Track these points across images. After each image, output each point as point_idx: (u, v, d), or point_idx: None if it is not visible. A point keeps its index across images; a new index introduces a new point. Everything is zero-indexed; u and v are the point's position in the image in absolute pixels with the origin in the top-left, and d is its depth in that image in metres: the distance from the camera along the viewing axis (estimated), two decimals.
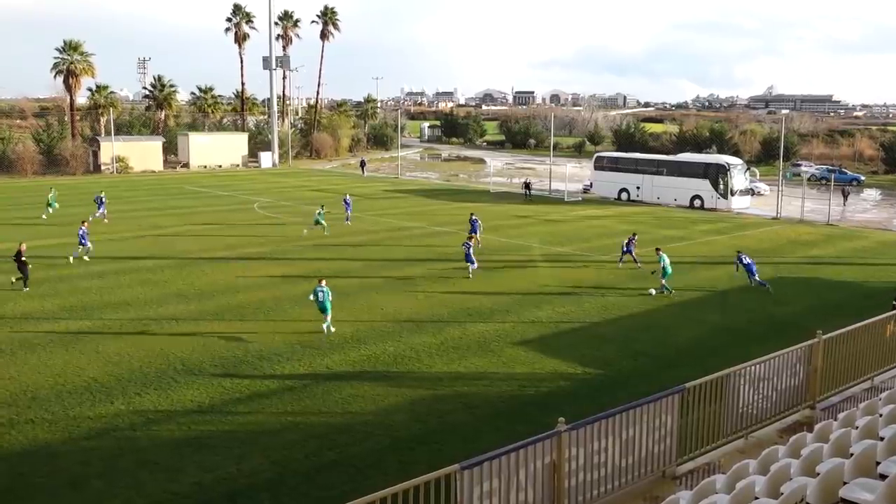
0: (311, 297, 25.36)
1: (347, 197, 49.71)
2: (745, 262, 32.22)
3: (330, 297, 25.03)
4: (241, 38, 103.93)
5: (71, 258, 35.20)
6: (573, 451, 10.68)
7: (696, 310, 28.79)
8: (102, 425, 17.82)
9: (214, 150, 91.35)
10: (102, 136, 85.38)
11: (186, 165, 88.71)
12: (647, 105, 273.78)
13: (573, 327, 26.23)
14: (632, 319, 27.31)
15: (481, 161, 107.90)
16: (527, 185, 64.64)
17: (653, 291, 30.75)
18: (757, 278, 31.96)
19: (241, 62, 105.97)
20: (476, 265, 33.23)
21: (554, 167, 72.93)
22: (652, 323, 26.89)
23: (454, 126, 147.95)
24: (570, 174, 69.13)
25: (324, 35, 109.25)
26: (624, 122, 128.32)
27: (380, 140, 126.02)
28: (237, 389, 20.17)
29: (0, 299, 28.55)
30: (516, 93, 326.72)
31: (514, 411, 18.95)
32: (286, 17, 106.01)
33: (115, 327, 25.30)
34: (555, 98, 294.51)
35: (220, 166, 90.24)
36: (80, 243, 35.60)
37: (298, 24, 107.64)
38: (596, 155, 70.26)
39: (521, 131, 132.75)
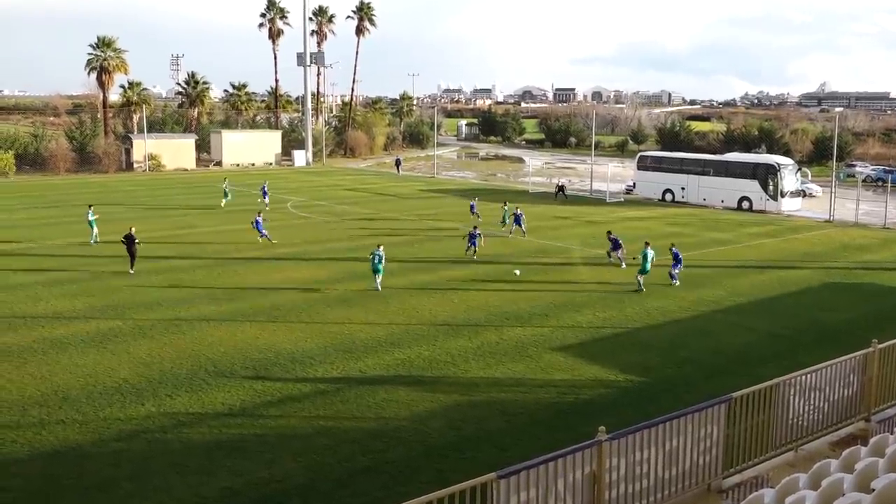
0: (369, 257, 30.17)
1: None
2: (671, 251, 33.41)
3: (383, 262, 30.12)
4: (275, 34, 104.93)
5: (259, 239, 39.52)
6: (614, 462, 10.59)
7: (743, 316, 28.41)
8: (133, 427, 18.08)
9: (247, 148, 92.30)
10: (135, 133, 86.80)
11: (219, 164, 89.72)
12: (692, 103, 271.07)
13: (615, 332, 26.04)
14: (676, 325, 27.04)
15: (520, 160, 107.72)
16: (560, 188, 64.28)
17: (517, 272, 32.58)
18: (675, 272, 32.80)
19: (275, 59, 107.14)
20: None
21: (595, 167, 72.52)
22: (697, 329, 26.60)
23: (492, 124, 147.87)
24: (612, 174, 68.71)
25: (359, 30, 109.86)
26: (669, 121, 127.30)
27: (415, 138, 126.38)
28: (269, 392, 20.33)
29: (32, 298, 29.13)
30: (556, 90, 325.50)
31: (553, 419, 18.86)
32: (321, 12, 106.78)
33: (147, 327, 25.67)
34: (596, 95, 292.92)
35: (253, 164, 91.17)
36: (260, 233, 39.40)
37: (333, 19, 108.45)
38: (639, 154, 69.75)
39: (561, 130, 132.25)
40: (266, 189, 55.99)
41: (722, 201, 58.73)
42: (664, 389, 20.88)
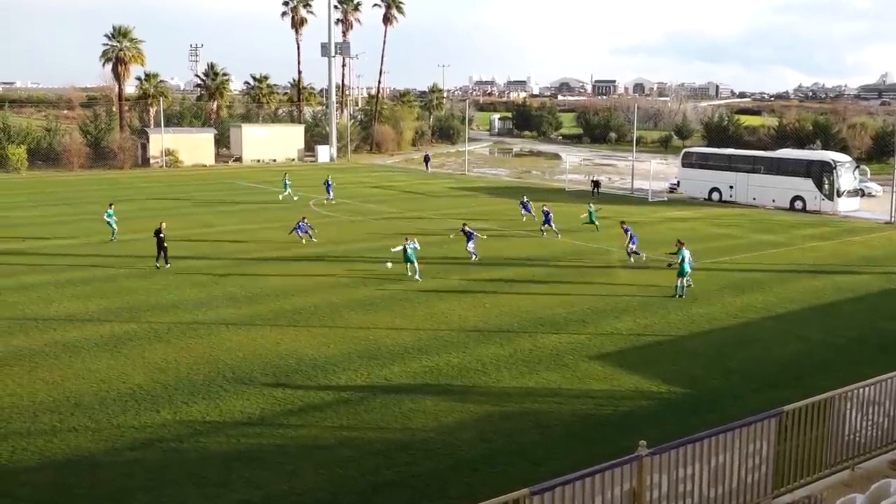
0: (397, 249, 32.60)
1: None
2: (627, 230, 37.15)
3: (410, 251, 32.72)
4: (298, 24, 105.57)
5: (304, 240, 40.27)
6: (655, 479, 10.52)
7: (796, 324, 28.10)
8: (147, 435, 18.27)
9: (269, 143, 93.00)
10: (152, 127, 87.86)
11: (239, 159, 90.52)
12: (742, 95, 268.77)
13: (657, 340, 25.88)
14: (723, 333, 26.81)
15: (556, 157, 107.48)
16: (595, 184, 64.19)
17: (389, 264, 33.47)
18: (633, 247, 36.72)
19: (298, 49, 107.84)
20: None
21: (637, 164, 72.16)
22: (746, 337, 26.35)
23: (527, 118, 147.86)
24: (655, 171, 68.36)
25: (387, 19, 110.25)
26: (716, 115, 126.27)
27: (445, 133, 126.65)
28: (289, 400, 20.45)
29: (43, 299, 29.56)
30: (596, 81, 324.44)
31: (590, 432, 18.77)
32: (346, 0, 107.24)
33: (162, 331, 25.93)
34: (639, 87, 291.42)
35: (275, 160, 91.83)
36: (301, 231, 40.35)
37: (359, 7, 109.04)
38: (684, 150, 69.32)
39: (600, 124, 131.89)
40: (330, 183, 57.73)
41: (773, 201, 58.16)
42: (709, 402, 20.70)
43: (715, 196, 61.41)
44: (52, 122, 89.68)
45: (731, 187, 60.57)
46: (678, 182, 66.19)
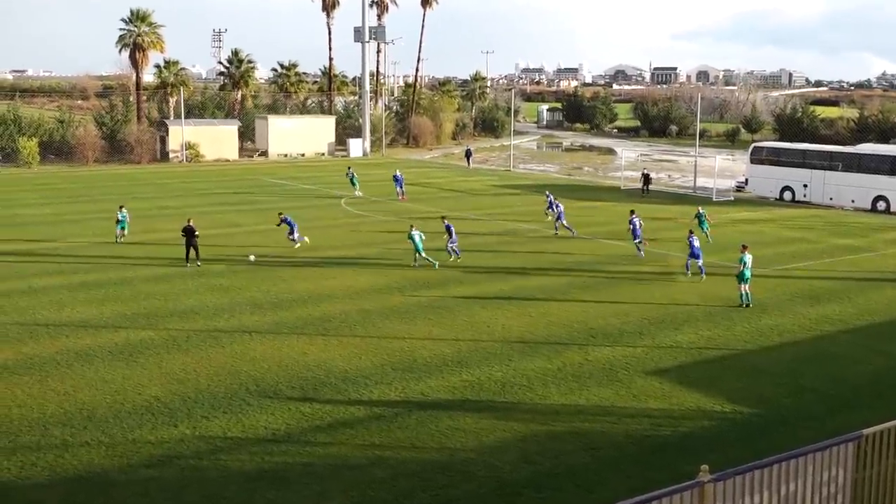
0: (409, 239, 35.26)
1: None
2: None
3: (423, 238, 35.41)
4: (329, 6, 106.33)
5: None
6: None
7: (877, 338, 27.68)
8: (165, 452, 18.50)
9: (297, 136, 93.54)
10: (171, 119, 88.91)
11: (265, 154, 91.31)
12: (818, 84, 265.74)
13: (720, 355, 25.65)
14: (795, 347, 26.51)
15: (610, 151, 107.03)
16: (645, 179, 63.81)
17: (252, 257, 35.24)
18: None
19: (329, 34, 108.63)
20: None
21: (700, 159, 71.55)
22: (821, 353, 26.03)
23: (578, 109, 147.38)
24: (720, 168, 67.75)
25: (426, 1, 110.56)
26: (789, 105, 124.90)
27: (489, 126, 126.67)
28: (317, 416, 20.58)
29: (55, 304, 30.06)
30: (655, 69, 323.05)
31: (646, 455, 18.66)
32: None
33: (181, 339, 26.25)
34: (702, 76, 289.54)
35: (303, 155, 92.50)
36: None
37: None
38: (753, 145, 68.59)
39: (659, 116, 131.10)
40: (399, 177, 59.32)
41: (852, 201, 57.35)
42: (779, 423, 20.48)
43: (787, 196, 60.71)
44: (65, 114, 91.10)
45: (806, 186, 59.83)
46: (746, 180, 65.52)
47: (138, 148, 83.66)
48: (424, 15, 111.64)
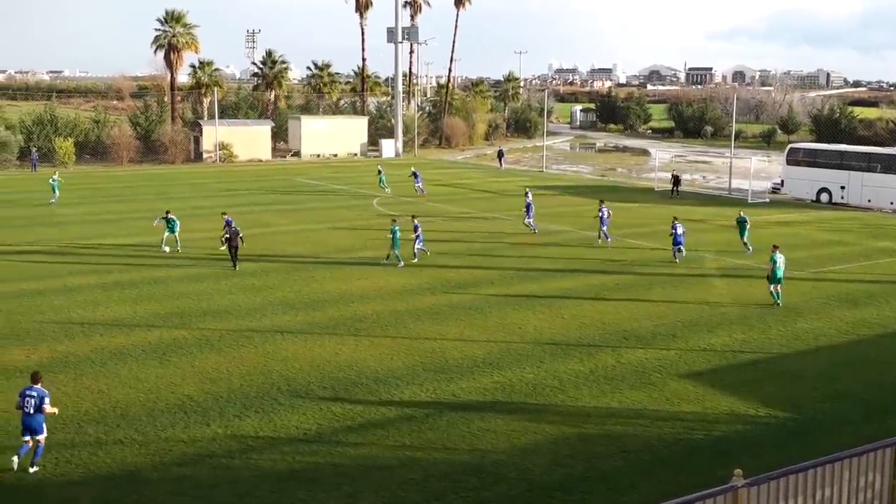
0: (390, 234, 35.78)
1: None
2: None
3: (399, 236, 35.49)
4: (362, 6, 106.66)
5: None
6: None
7: None
8: (197, 450, 18.65)
9: (330, 136, 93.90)
10: (205, 119, 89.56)
11: (297, 154, 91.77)
12: (856, 84, 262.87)
13: (755, 358, 25.44)
14: (832, 352, 26.23)
15: (644, 153, 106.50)
16: (675, 180, 63.37)
17: (166, 249, 35.67)
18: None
19: (363, 34, 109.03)
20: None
21: (735, 161, 71.04)
22: (858, 357, 25.74)
23: (612, 110, 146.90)
24: (756, 170, 67.23)
25: (459, 2, 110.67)
26: (826, 106, 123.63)
27: (522, 126, 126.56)
28: (348, 416, 20.66)
29: (90, 303, 30.40)
30: (690, 69, 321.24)
31: (679, 459, 18.55)
32: None
33: (214, 339, 26.44)
34: (738, 76, 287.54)
35: (336, 155, 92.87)
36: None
37: None
38: (789, 146, 67.96)
39: (694, 117, 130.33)
40: (417, 173, 61.84)
41: (892, 203, 56.66)
42: (814, 428, 20.28)
43: (824, 197, 60.11)
44: (100, 114, 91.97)
45: (843, 188, 59.21)
46: (782, 181, 64.96)
47: (172, 148, 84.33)
48: (458, 15, 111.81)
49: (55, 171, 62.62)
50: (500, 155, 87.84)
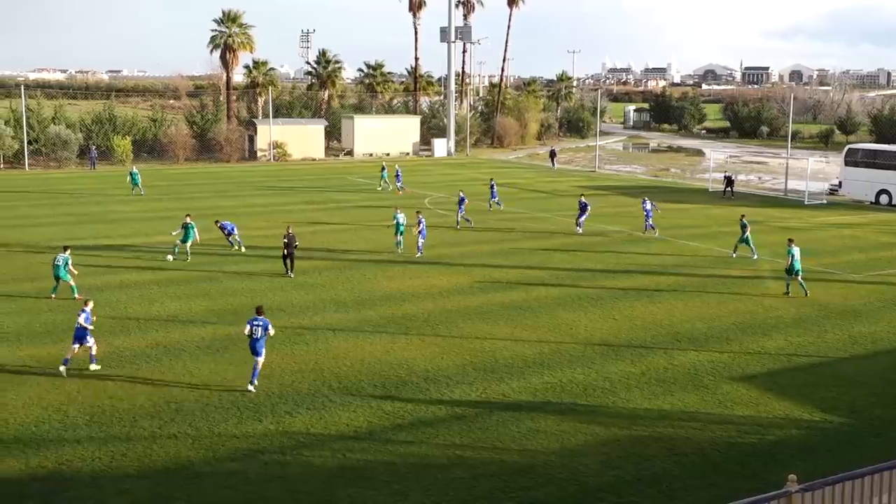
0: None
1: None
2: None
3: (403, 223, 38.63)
4: (416, 6, 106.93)
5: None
6: None
7: None
8: (249, 446, 18.85)
9: (382, 135, 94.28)
10: (259, 118, 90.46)
11: (350, 153, 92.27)
12: None
13: (811, 362, 25.05)
14: (889, 356, 25.74)
15: (699, 153, 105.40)
16: (728, 181, 62.57)
17: (170, 257, 34.82)
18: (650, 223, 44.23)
19: (416, 34, 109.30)
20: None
21: (792, 161, 70.03)
22: None
23: (666, 110, 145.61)
24: (813, 171, 66.15)
25: (512, 1, 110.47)
26: (887, 106, 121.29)
27: (574, 126, 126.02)
28: (399, 414, 20.74)
29: (145, 299, 30.88)
30: (746, 69, 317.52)
31: (732, 463, 18.34)
32: None
33: None
34: (795, 75, 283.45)
35: (388, 154, 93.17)
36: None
37: None
38: (848, 147, 66.82)
39: (750, 117, 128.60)
40: (399, 174, 62.58)
41: None
42: (871, 434, 19.92)
43: (883, 199, 58.99)
44: (157, 113, 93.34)
45: None
46: (840, 183, 63.85)
47: (227, 147, 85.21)
48: (511, 14, 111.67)
49: (132, 165, 65.65)
50: (553, 155, 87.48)
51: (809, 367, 24.72)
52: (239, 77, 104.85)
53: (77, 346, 22.99)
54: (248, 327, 22.19)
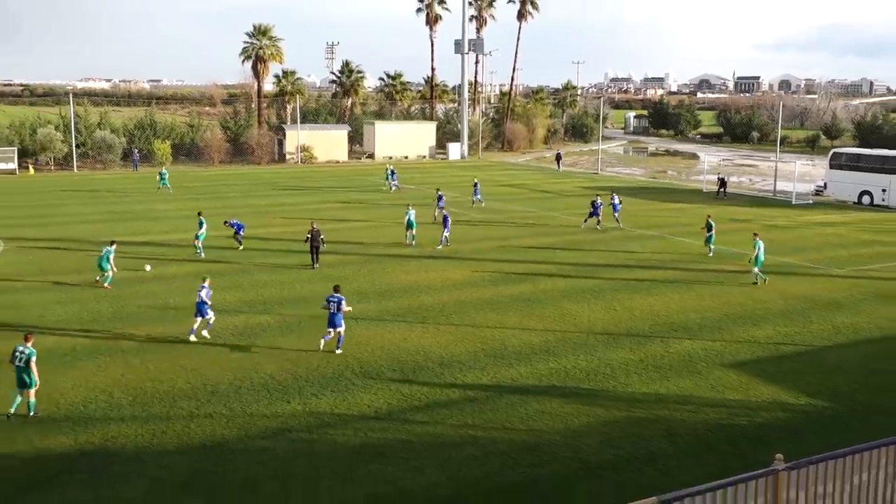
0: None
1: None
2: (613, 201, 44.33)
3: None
4: (432, 20, 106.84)
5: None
6: (792, 495, 10.21)
7: None
8: (278, 425, 18.94)
9: (401, 140, 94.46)
10: (288, 124, 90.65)
11: (371, 156, 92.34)
12: None
13: (797, 351, 24.96)
14: (871, 345, 25.61)
15: (694, 156, 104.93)
16: (721, 182, 62.29)
17: (148, 267, 33.88)
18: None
19: (432, 46, 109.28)
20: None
21: (780, 164, 69.68)
22: None
23: (664, 116, 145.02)
24: (800, 173, 65.78)
25: (521, 15, 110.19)
26: (869, 113, 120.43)
27: (579, 131, 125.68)
28: (416, 397, 20.79)
29: (184, 290, 30.98)
30: (738, 78, 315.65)
31: (723, 443, 18.31)
32: None
33: (294, 324, 26.79)
34: (784, 84, 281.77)
35: (406, 157, 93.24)
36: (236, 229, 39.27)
37: (494, 3, 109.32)
38: (833, 151, 66.43)
39: (742, 123, 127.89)
40: (394, 172, 63.77)
41: None
42: (853, 418, 19.84)
43: (865, 200, 58.64)
44: (194, 119, 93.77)
45: (884, 191, 57.64)
46: (825, 184, 63.50)
47: (258, 150, 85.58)
48: (520, 28, 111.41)
49: (162, 167, 66.41)
50: (559, 158, 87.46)
51: (795, 354, 24.63)
52: (269, 86, 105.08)
53: (199, 318, 24.72)
54: (325, 302, 24.02)
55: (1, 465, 16.82)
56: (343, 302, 23.94)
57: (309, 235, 35.28)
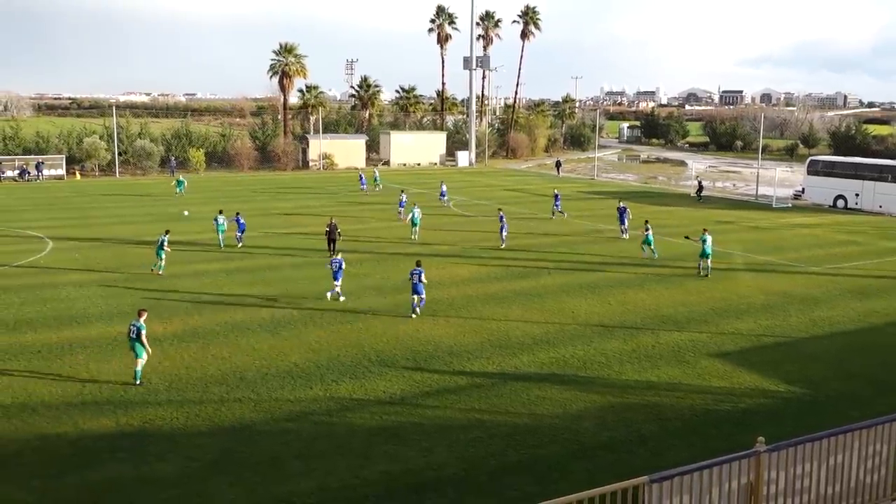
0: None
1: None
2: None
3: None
4: (443, 39, 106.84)
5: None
6: (773, 474, 10.13)
7: None
8: (301, 409, 18.94)
9: (414, 148, 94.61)
10: (311, 134, 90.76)
11: (387, 163, 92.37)
12: (870, 105, 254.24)
13: (777, 342, 24.83)
14: (845, 337, 25.45)
15: (682, 163, 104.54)
16: (699, 187, 62.13)
17: (186, 212, 33.94)
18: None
19: (443, 62, 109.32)
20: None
21: (762, 171, 69.40)
22: (869, 343, 24.93)
23: (655, 126, 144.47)
24: (780, 179, 65.51)
25: (524, 35, 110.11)
26: (843, 124, 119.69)
27: (576, 140, 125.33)
28: (427, 383, 20.76)
29: (216, 285, 31.07)
30: (723, 92, 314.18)
31: (708, 427, 18.22)
32: (487, 17, 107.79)
33: (317, 316, 26.78)
34: (766, 98, 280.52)
35: (419, 164, 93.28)
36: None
37: (499, 24, 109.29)
38: (810, 159, 66.10)
39: (726, 133, 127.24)
40: (377, 176, 65.18)
41: None
42: (829, 404, 19.74)
43: (840, 203, 58.34)
44: (226, 129, 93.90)
45: (857, 195, 57.35)
46: (803, 189, 63.26)
47: (284, 157, 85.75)
48: (523, 46, 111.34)
49: (180, 174, 67.30)
50: (558, 165, 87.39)
51: (775, 345, 24.51)
52: (294, 99, 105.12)
53: (337, 283, 28.22)
54: (410, 275, 26.50)
55: (48, 445, 16.87)
56: (422, 274, 26.30)
57: (328, 229, 36.78)
